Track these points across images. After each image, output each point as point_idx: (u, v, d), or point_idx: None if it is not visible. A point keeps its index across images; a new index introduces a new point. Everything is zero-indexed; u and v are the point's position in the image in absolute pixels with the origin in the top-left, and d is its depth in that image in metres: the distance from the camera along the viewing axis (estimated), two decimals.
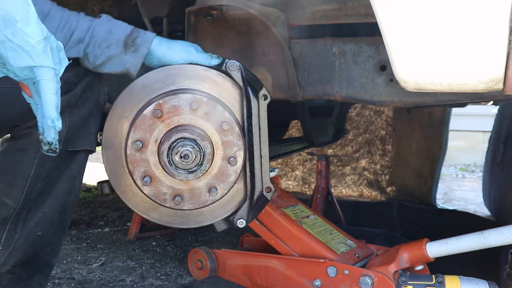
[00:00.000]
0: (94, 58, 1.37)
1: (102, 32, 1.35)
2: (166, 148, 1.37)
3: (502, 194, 3.05)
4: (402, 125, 3.89)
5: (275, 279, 1.92)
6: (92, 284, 2.20)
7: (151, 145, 1.38)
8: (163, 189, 1.41)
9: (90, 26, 1.35)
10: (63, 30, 1.34)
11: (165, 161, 1.37)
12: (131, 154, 1.39)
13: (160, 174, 1.40)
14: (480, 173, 4.48)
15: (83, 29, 1.34)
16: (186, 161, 1.36)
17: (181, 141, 1.36)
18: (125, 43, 1.36)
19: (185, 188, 1.42)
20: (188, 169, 1.38)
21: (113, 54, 1.37)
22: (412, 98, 1.63)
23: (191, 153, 1.36)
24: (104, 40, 1.35)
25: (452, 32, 1.11)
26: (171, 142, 1.37)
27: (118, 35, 1.36)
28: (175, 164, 1.37)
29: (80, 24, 1.34)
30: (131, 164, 1.39)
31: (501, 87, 1.13)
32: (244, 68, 1.42)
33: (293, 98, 1.80)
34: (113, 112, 1.43)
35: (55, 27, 1.33)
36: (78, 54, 1.37)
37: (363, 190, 4.07)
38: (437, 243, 1.69)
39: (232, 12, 1.68)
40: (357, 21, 1.69)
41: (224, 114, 1.39)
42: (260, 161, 1.44)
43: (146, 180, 1.39)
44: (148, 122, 1.38)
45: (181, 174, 1.38)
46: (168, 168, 1.38)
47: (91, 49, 1.36)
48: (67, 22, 1.34)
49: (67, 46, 1.35)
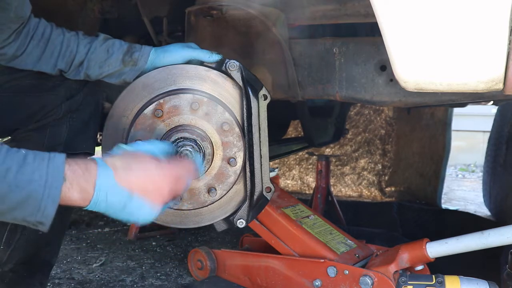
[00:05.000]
0: (95, 76, 1.44)
1: (101, 53, 1.41)
2: None
3: (504, 194, 3.05)
4: (402, 124, 3.88)
5: (275, 279, 1.91)
6: (92, 284, 2.20)
7: None
8: None
9: (89, 49, 1.41)
10: (65, 57, 1.40)
11: None
12: None
13: None
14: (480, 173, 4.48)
15: (83, 52, 1.41)
16: None
17: (181, 141, 1.36)
18: (123, 60, 1.41)
19: None
20: None
21: (112, 71, 1.43)
22: (412, 98, 1.63)
23: (190, 153, 1.36)
24: (103, 60, 1.41)
25: (452, 32, 1.11)
26: (171, 142, 1.37)
27: (116, 54, 1.41)
28: None
29: (80, 47, 1.40)
30: None
31: (501, 87, 1.13)
32: (244, 68, 1.42)
33: (293, 98, 1.80)
34: (113, 111, 1.42)
35: (57, 52, 1.40)
36: (79, 76, 1.44)
37: (363, 190, 4.06)
38: (437, 243, 1.69)
39: (232, 12, 1.68)
40: (357, 21, 1.68)
41: (225, 115, 1.39)
42: (260, 161, 1.43)
43: None
44: (149, 122, 1.38)
45: None
46: None
47: (92, 70, 1.42)
48: (67, 47, 1.40)
49: (69, 70, 1.42)
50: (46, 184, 0.94)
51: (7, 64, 1.39)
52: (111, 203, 1.01)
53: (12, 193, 0.93)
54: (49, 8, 2.01)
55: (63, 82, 1.46)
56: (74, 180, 0.97)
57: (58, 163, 0.97)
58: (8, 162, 0.93)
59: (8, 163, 0.93)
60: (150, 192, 1.05)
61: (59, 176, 0.96)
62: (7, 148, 0.96)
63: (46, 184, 0.94)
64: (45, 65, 1.40)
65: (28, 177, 0.94)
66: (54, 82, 1.45)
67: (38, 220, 0.96)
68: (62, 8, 2.09)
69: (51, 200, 0.95)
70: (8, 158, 0.94)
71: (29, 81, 1.43)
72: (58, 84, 1.46)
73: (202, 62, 1.42)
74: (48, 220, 0.97)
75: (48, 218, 0.97)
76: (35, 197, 0.94)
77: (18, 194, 0.93)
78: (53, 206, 0.96)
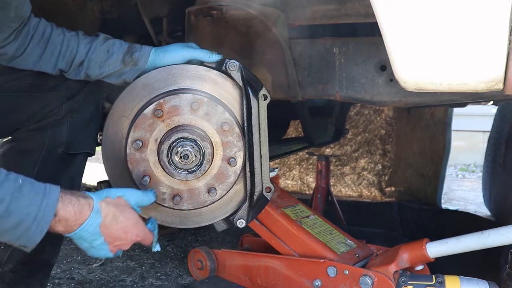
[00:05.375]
0: (95, 76, 1.44)
1: (101, 53, 1.41)
2: (166, 148, 1.37)
3: (503, 194, 3.05)
4: (403, 124, 3.87)
5: (275, 279, 1.91)
6: (92, 284, 2.20)
7: (151, 144, 1.38)
8: (162, 189, 1.41)
9: (89, 48, 1.41)
10: (65, 57, 1.40)
11: (165, 161, 1.37)
12: (130, 153, 1.39)
13: (160, 173, 1.40)
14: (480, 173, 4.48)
15: (83, 52, 1.40)
16: (186, 161, 1.36)
17: (181, 141, 1.36)
18: (123, 60, 1.41)
19: (184, 188, 1.42)
20: (187, 169, 1.38)
21: (112, 71, 1.42)
22: (412, 98, 1.63)
23: (190, 153, 1.36)
24: (103, 60, 1.41)
25: (452, 32, 1.11)
26: (171, 142, 1.37)
27: (116, 54, 1.41)
28: (175, 164, 1.37)
29: (80, 47, 1.40)
30: (130, 163, 1.39)
31: (501, 87, 1.13)
32: (244, 68, 1.42)
33: (293, 98, 1.80)
34: (113, 111, 1.43)
35: (58, 52, 1.40)
36: (80, 76, 1.44)
37: (363, 190, 4.06)
38: (437, 243, 1.69)
39: (232, 12, 1.68)
40: (357, 21, 1.68)
41: (225, 115, 1.39)
42: (260, 161, 1.44)
43: (145, 179, 1.39)
44: (149, 122, 1.38)
45: (181, 174, 1.38)
46: (167, 168, 1.38)
47: (92, 71, 1.42)
48: (68, 47, 1.40)
49: (69, 70, 1.42)
50: (36, 217, 1.04)
51: (8, 64, 1.39)
52: (84, 241, 1.16)
53: (3, 220, 1.01)
54: (49, 8, 2.01)
55: (64, 82, 1.46)
56: (63, 218, 1.09)
57: (53, 200, 1.07)
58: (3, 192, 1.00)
59: (3, 193, 1.00)
60: (117, 243, 1.21)
61: (50, 213, 1.06)
62: (5, 175, 1.03)
63: (36, 217, 1.04)
64: (45, 65, 1.40)
65: (21, 210, 1.03)
66: (55, 82, 1.45)
67: (23, 244, 1.08)
68: (62, 8, 2.09)
69: (39, 231, 1.06)
70: (4, 188, 1.01)
71: (29, 81, 1.43)
72: (58, 84, 1.46)
73: (202, 62, 1.42)
74: (33, 246, 1.08)
75: (33, 244, 1.08)
76: (24, 226, 1.04)
77: (9, 222, 1.02)
78: (39, 236, 1.07)
